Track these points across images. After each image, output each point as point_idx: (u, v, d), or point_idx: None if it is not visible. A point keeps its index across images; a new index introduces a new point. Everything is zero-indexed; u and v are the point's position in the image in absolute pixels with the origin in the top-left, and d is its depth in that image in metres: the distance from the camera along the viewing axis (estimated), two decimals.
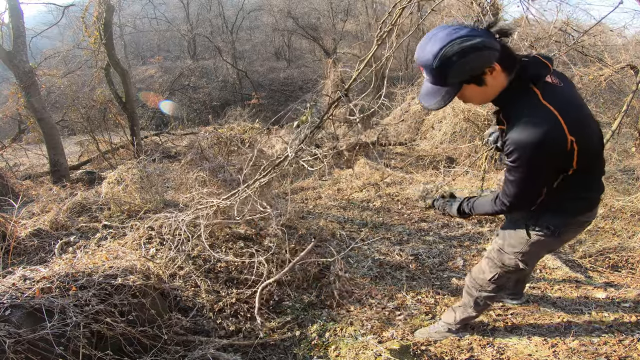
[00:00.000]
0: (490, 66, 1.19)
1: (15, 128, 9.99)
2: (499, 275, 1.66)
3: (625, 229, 3.17)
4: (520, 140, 1.20)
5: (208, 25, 21.26)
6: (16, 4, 6.11)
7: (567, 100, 1.26)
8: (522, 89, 1.25)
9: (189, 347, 1.86)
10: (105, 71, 8.23)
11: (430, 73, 1.22)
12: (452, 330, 1.96)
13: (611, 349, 1.82)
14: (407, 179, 5.04)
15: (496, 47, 1.18)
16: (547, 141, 1.18)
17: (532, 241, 1.49)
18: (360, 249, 3.08)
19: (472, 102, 1.36)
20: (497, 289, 1.73)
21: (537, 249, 1.54)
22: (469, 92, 1.27)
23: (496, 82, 1.24)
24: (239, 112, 11.71)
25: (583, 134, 1.23)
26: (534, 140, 1.18)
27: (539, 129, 1.18)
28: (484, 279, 1.71)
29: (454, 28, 1.17)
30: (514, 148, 1.22)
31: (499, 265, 1.63)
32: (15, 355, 1.37)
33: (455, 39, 1.14)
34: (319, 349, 1.97)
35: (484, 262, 1.73)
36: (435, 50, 1.16)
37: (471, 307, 1.84)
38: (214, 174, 3.79)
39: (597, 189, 1.44)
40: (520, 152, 1.22)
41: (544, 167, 1.27)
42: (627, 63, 4.50)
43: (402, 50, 14.29)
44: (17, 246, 2.79)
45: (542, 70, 1.25)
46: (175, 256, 2.44)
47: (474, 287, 1.77)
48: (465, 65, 1.17)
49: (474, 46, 1.14)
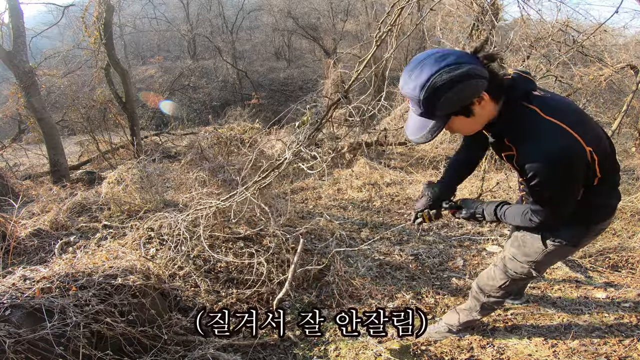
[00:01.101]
0: (479, 96, 1.13)
1: (15, 128, 9.99)
2: (510, 282, 1.64)
3: (625, 229, 3.17)
4: (539, 162, 1.15)
5: (208, 25, 21.25)
6: (16, 4, 6.10)
7: (565, 108, 1.22)
8: (518, 110, 1.20)
9: (189, 347, 1.86)
10: (105, 71, 8.23)
11: (417, 105, 1.13)
12: (453, 331, 1.96)
13: (611, 349, 1.82)
14: (407, 179, 5.04)
15: (485, 75, 1.11)
16: (568, 157, 1.14)
17: (548, 251, 1.46)
18: (360, 249, 3.08)
19: (460, 132, 1.30)
20: (505, 295, 1.73)
21: (551, 258, 1.52)
22: (456, 124, 1.21)
23: (484, 112, 1.19)
24: (239, 112, 11.72)
25: (596, 141, 1.19)
26: (554, 159, 1.13)
27: (555, 146, 1.13)
28: (493, 286, 1.69)
29: (441, 54, 1.10)
30: (534, 172, 1.17)
31: (511, 273, 1.60)
32: (15, 355, 1.37)
33: (444, 67, 1.06)
34: (319, 349, 1.97)
35: (494, 270, 1.70)
36: (422, 80, 1.08)
37: (477, 312, 1.83)
38: (214, 174, 3.79)
39: (617, 196, 1.41)
40: (543, 174, 1.17)
41: (571, 184, 1.22)
42: (627, 63, 4.50)
43: (402, 50, 14.28)
44: (17, 246, 2.78)
45: (530, 86, 1.21)
46: (175, 256, 2.44)
47: (482, 293, 1.76)
48: (454, 97, 1.09)
49: (463, 74, 1.07)
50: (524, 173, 1.22)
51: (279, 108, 17.57)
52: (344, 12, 19.17)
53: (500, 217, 1.48)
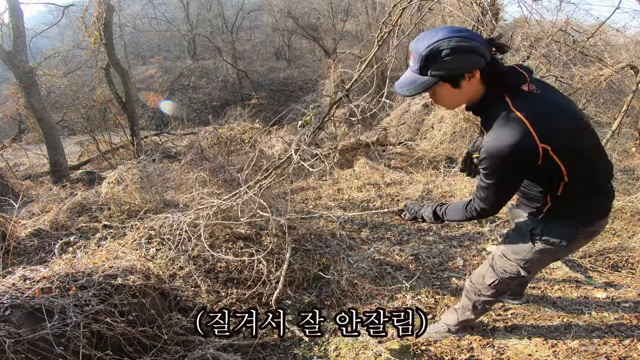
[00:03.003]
0: (471, 72, 1.21)
1: (15, 128, 9.99)
2: (499, 281, 1.63)
3: (625, 229, 3.17)
4: (489, 150, 1.23)
5: (208, 25, 21.25)
6: (16, 4, 6.11)
7: (544, 107, 1.24)
8: (495, 98, 1.26)
9: (189, 347, 1.87)
10: (105, 71, 8.23)
11: (417, 60, 1.23)
12: (452, 331, 1.96)
13: (611, 349, 1.82)
14: (407, 179, 5.04)
15: (487, 57, 1.20)
16: (513, 151, 1.19)
17: (537, 249, 1.46)
18: (360, 249, 3.08)
19: (441, 102, 1.37)
20: (496, 294, 1.71)
21: (541, 258, 1.51)
22: (441, 91, 1.28)
23: (470, 89, 1.26)
24: (239, 112, 11.73)
25: (563, 141, 1.22)
26: (501, 149, 1.20)
27: (506, 138, 1.19)
28: (483, 284, 1.69)
29: (458, 28, 1.21)
30: (484, 157, 1.26)
31: (500, 271, 1.60)
32: (15, 355, 1.37)
33: (454, 37, 1.17)
34: (319, 349, 1.97)
35: (484, 268, 1.70)
36: (432, 40, 1.18)
37: (469, 311, 1.82)
38: (214, 174, 3.79)
39: (606, 195, 1.40)
40: (489, 161, 1.25)
41: (512, 177, 1.30)
42: (627, 63, 4.51)
43: (402, 50, 14.27)
44: (17, 246, 2.78)
45: (517, 80, 1.26)
46: (175, 256, 2.44)
47: (472, 292, 1.76)
48: (450, 62, 1.18)
49: (470, 48, 1.17)
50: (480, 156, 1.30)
51: (279, 108, 17.57)
52: (344, 12, 19.17)
53: (442, 215, 1.61)
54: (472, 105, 1.33)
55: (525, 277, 1.58)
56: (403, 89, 1.29)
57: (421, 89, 1.25)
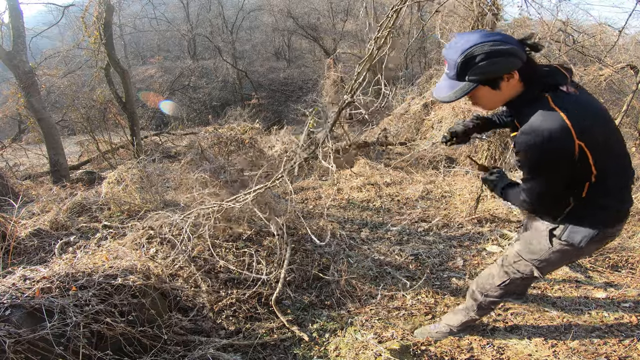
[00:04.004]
0: (510, 73, 1.24)
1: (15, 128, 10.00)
2: (510, 282, 1.63)
3: (625, 229, 3.17)
4: (526, 143, 1.23)
5: (208, 25, 21.23)
6: (16, 4, 6.11)
7: (581, 105, 1.25)
8: (535, 96, 1.27)
9: (189, 347, 1.86)
10: (105, 71, 8.23)
11: (453, 67, 1.26)
12: (454, 332, 1.96)
13: (611, 349, 1.82)
14: (407, 179, 5.04)
15: (522, 58, 1.23)
16: (552, 144, 1.19)
17: (554, 250, 1.46)
18: (360, 249, 3.08)
19: (481, 104, 1.36)
20: (503, 295, 1.70)
21: (556, 259, 1.50)
22: (481, 94, 1.30)
23: (509, 89, 1.28)
24: (239, 112, 11.71)
25: (597, 140, 1.23)
26: (539, 142, 1.20)
27: (545, 131, 1.20)
28: (492, 284, 1.69)
29: (490, 32, 1.24)
30: (520, 150, 1.26)
31: (513, 271, 1.60)
32: (15, 355, 1.37)
33: (489, 41, 1.20)
34: (319, 349, 1.97)
35: (495, 268, 1.69)
36: (466, 46, 1.21)
37: (474, 311, 1.83)
38: (214, 174, 3.79)
39: (627, 199, 1.41)
40: (527, 154, 1.25)
41: (554, 170, 1.27)
42: (627, 63, 4.51)
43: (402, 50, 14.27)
44: (17, 246, 2.78)
45: (559, 79, 1.27)
46: (176, 256, 2.44)
47: (479, 292, 1.75)
48: (487, 67, 1.21)
49: (505, 51, 1.20)
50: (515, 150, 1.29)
51: (279, 108, 17.58)
52: (344, 12, 19.16)
53: (501, 193, 1.54)
54: (511, 102, 1.33)
55: (536, 278, 1.58)
56: (443, 96, 1.31)
57: (461, 94, 1.27)
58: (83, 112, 9.37)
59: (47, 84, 9.50)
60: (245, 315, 2.20)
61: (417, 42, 15.32)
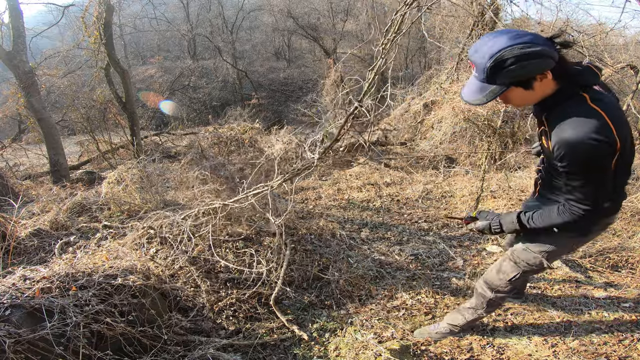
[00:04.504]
0: (543, 73, 1.22)
1: (15, 128, 10.00)
2: (520, 275, 1.66)
3: (625, 229, 3.17)
4: (571, 140, 1.20)
5: (208, 25, 21.22)
6: (16, 4, 6.10)
7: (613, 105, 1.28)
8: (570, 94, 1.27)
9: (189, 347, 1.86)
10: (105, 71, 8.23)
11: (482, 71, 1.24)
12: (455, 331, 1.96)
13: (611, 349, 1.82)
14: (407, 179, 5.04)
15: (555, 57, 1.21)
16: (600, 138, 1.18)
17: (561, 239, 1.50)
18: (360, 249, 3.08)
19: (512, 103, 1.37)
20: (512, 290, 1.74)
21: (563, 248, 1.56)
22: (513, 94, 1.29)
23: (543, 88, 1.27)
24: (239, 112, 11.70)
25: (625, 139, 1.25)
26: (585, 137, 1.18)
27: (590, 127, 1.18)
28: (503, 279, 1.70)
29: (518, 33, 1.20)
30: (566, 150, 1.22)
31: (523, 265, 1.63)
32: (15, 355, 1.37)
33: (518, 44, 1.17)
34: (319, 349, 1.97)
35: (505, 263, 1.71)
36: (494, 50, 1.19)
37: (483, 309, 1.83)
38: (215, 173, 3.78)
39: (624, 194, 1.48)
40: (572, 151, 1.22)
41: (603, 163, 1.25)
42: (627, 63, 4.51)
43: (402, 50, 14.28)
44: (17, 246, 2.78)
45: (592, 79, 1.28)
46: (176, 256, 2.44)
47: (489, 289, 1.77)
48: (518, 70, 1.19)
49: (535, 53, 1.17)
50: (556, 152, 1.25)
51: (279, 108, 17.58)
52: (344, 12, 19.16)
53: (527, 222, 1.48)
54: (544, 101, 1.31)
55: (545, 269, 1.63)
56: (473, 99, 1.30)
57: (492, 97, 1.26)
58: (83, 112, 9.38)
59: (47, 84, 9.50)
60: (245, 315, 2.20)
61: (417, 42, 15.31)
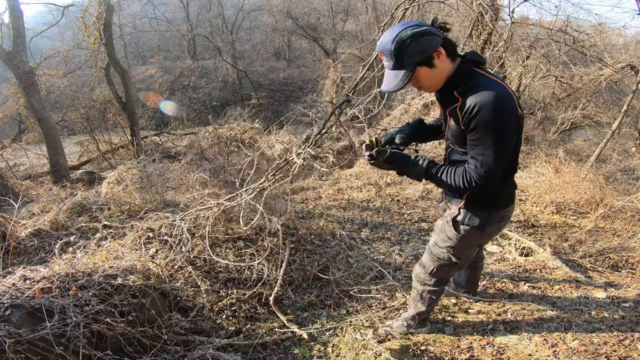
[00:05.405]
0: (437, 50, 1.36)
1: (15, 128, 10.00)
2: (437, 269, 1.76)
3: (625, 229, 3.17)
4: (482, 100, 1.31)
5: (208, 25, 21.23)
6: (16, 4, 6.11)
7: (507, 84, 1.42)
8: (469, 71, 1.41)
9: (188, 347, 1.86)
10: (105, 71, 8.24)
11: (390, 56, 1.38)
12: (411, 325, 1.99)
13: (611, 349, 1.82)
14: (407, 179, 5.04)
15: (440, 35, 1.38)
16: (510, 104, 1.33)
17: (461, 235, 1.61)
18: (360, 249, 3.08)
19: (425, 86, 1.46)
20: (438, 283, 1.82)
21: (466, 243, 1.65)
22: (422, 75, 1.40)
23: (443, 66, 1.40)
24: (239, 112, 11.70)
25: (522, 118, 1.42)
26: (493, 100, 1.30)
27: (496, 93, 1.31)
28: (425, 272, 1.81)
29: (407, 22, 1.39)
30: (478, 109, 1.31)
31: (436, 259, 1.74)
32: (15, 355, 1.37)
33: (410, 26, 1.35)
34: (319, 349, 1.97)
35: (425, 257, 1.82)
36: (393, 35, 1.35)
37: (419, 302, 1.90)
38: (215, 174, 3.79)
39: (514, 184, 1.61)
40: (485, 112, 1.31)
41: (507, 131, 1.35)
42: (627, 63, 4.51)
43: None
44: (17, 246, 2.78)
45: (481, 59, 1.45)
46: (176, 257, 2.44)
47: (418, 281, 1.86)
48: (416, 47, 1.34)
49: (424, 32, 1.34)
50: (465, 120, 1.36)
51: (279, 108, 17.57)
52: (344, 12, 19.17)
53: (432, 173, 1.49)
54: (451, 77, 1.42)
55: (458, 264, 1.72)
56: (391, 87, 1.41)
57: (406, 79, 1.38)
58: (83, 112, 9.38)
59: (47, 84, 9.51)
60: (245, 315, 2.20)
61: None
